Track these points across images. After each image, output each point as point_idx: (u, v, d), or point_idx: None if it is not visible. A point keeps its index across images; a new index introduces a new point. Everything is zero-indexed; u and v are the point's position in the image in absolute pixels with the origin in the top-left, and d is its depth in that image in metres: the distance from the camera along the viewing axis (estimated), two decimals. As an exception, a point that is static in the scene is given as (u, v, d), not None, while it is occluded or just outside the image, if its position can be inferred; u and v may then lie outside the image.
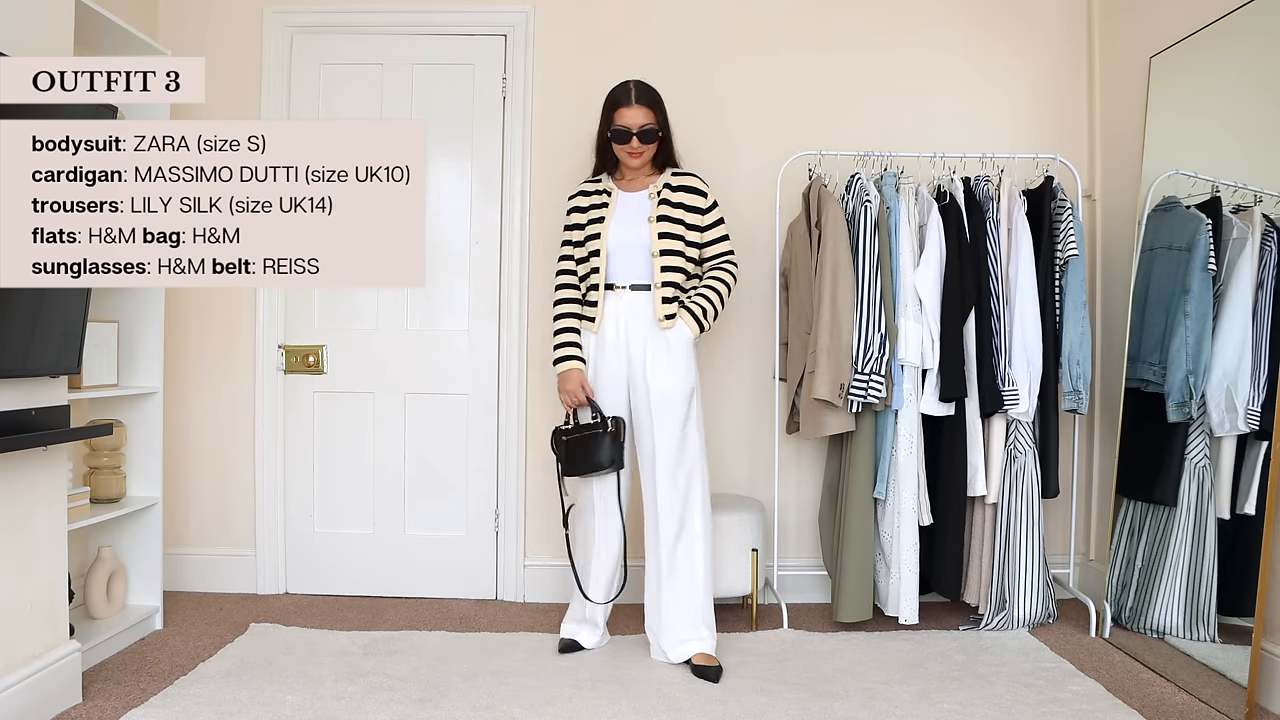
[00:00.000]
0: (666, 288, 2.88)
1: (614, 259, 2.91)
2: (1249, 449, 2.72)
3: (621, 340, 2.90)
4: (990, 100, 3.68)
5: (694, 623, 2.87)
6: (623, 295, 2.91)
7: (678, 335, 2.87)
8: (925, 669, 2.85)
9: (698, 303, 2.90)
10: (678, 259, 2.90)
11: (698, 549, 2.88)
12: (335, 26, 3.67)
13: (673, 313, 2.88)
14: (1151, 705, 2.58)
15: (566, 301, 3.00)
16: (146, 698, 2.58)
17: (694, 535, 2.88)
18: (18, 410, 2.33)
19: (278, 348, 3.65)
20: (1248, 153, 2.84)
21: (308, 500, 3.69)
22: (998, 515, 3.22)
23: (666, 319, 2.87)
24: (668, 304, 2.88)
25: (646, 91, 2.88)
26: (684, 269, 2.93)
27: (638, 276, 2.90)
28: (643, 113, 2.85)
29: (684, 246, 2.91)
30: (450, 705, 2.55)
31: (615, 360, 2.91)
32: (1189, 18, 3.04)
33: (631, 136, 2.86)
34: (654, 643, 2.93)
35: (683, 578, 2.87)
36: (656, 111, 2.89)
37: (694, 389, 2.91)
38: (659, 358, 2.86)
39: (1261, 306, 2.68)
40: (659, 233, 2.88)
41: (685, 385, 2.88)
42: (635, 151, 2.88)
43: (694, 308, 2.89)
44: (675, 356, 2.87)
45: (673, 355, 2.87)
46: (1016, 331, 3.16)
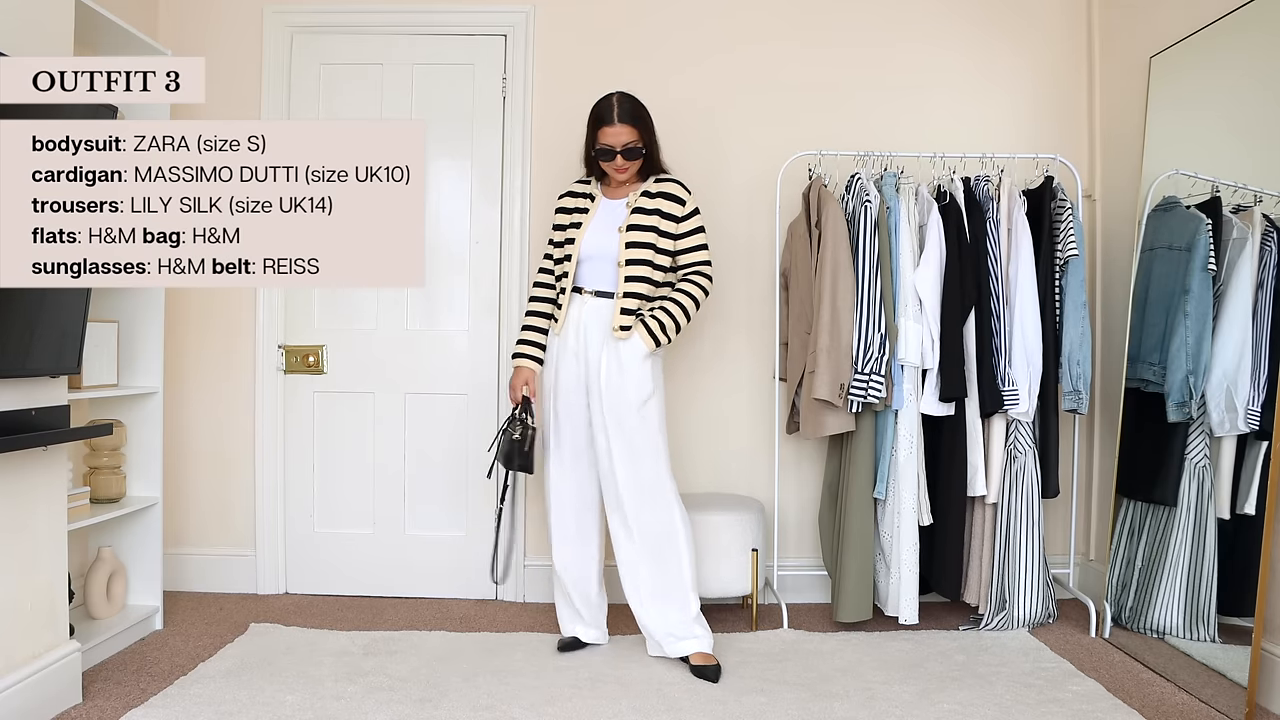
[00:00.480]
0: (628, 299, 2.88)
1: (585, 264, 2.94)
2: (1249, 449, 2.72)
3: (581, 345, 2.92)
4: (990, 100, 3.68)
5: (687, 621, 2.88)
6: (587, 300, 2.92)
7: (630, 348, 2.86)
8: (925, 669, 2.85)
9: (657, 316, 2.88)
10: (644, 268, 2.89)
11: (678, 543, 2.90)
12: (335, 26, 3.67)
13: (628, 324, 2.87)
14: (1151, 705, 2.58)
15: (537, 300, 3.06)
16: (146, 698, 2.58)
17: (671, 528, 2.89)
18: (18, 410, 2.33)
19: (278, 348, 3.65)
20: (1248, 153, 2.84)
21: (308, 500, 3.69)
22: (998, 515, 3.22)
23: (621, 329, 2.86)
24: (625, 315, 2.87)
25: (631, 109, 2.89)
26: (650, 278, 2.92)
27: (603, 283, 2.92)
28: (626, 131, 2.87)
29: (654, 255, 2.91)
30: (450, 705, 2.55)
31: (574, 364, 2.94)
32: (1189, 17, 3.04)
33: (616, 155, 2.89)
34: (649, 638, 2.94)
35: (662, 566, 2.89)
36: (640, 128, 2.90)
37: (648, 398, 2.88)
38: (611, 368, 2.87)
39: (1261, 306, 2.68)
40: (626, 242, 2.89)
41: (638, 395, 2.86)
42: (620, 169, 2.92)
43: (652, 322, 2.87)
44: (627, 368, 2.86)
45: (624, 367, 2.86)
46: (1016, 331, 3.16)
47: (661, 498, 2.89)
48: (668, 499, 2.90)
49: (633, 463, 2.87)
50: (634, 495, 2.88)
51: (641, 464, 2.88)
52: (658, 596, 2.90)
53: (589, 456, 2.97)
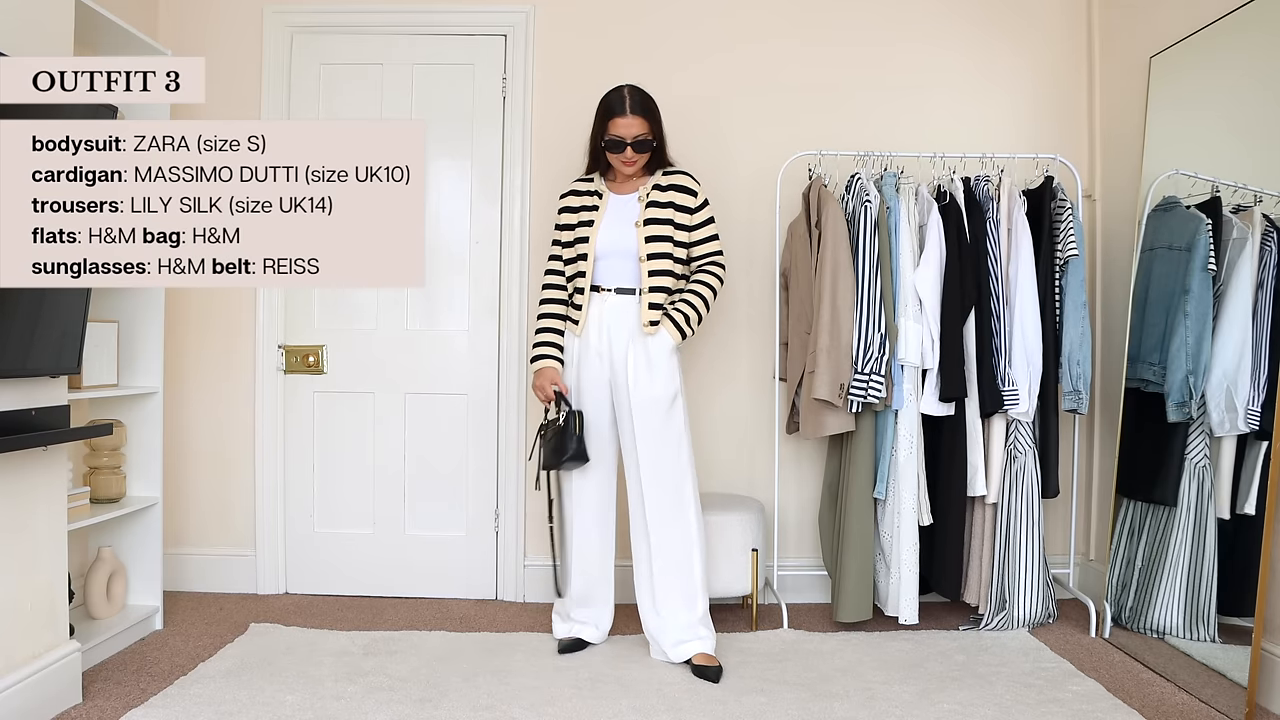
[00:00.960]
0: (654, 293, 2.89)
1: (601, 262, 2.92)
2: (1249, 449, 2.72)
3: (604, 344, 2.91)
4: (990, 100, 3.68)
5: (693, 622, 2.87)
6: (607, 298, 2.91)
7: (658, 343, 2.87)
8: (925, 669, 2.85)
9: (681, 310, 2.89)
10: (666, 262, 2.90)
11: (693, 548, 2.89)
12: (335, 26, 3.67)
13: (657, 319, 2.88)
14: (1151, 705, 2.58)
15: (550, 302, 3.02)
16: (146, 698, 2.58)
17: (688, 534, 2.89)
18: (18, 410, 2.33)
19: (278, 348, 3.65)
20: (1248, 153, 2.84)
21: (308, 500, 3.69)
22: (998, 515, 3.22)
23: (650, 325, 2.87)
24: (654, 310, 2.89)
25: (641, 101, 2.88)
26: (672, 271, 2.93)
27: (624, 280, 2.91)
28: (637, 123, 2.85)
29: (672, 248, 2.91)
30: (450, 705, 2.55)
31: (597, 364, 2.92)
32: (1189, 18, 3.04)
33: (626, 146, 2.87)
34: (653, 643, 2.93)
35: (678, 576, 2.88)
36: (651, 120, 2.89)
37: (676, 394, 2.90)
38: (639, 364, 2.87)
39: (1261, 306, 2.68)
40: (646, 236, 2.88)
41: (667, 392, 2.87)
42: (629, 161, 2.90)
43: (677, 315, 2.88)
44: (656, 364, 2.87)
45: (653, 363, 2.86)
46: (1016, 331, 3.16)
47: (682, 500, 2.88)
48: (688, 500, 2.89)
49: (658, 463, 2.87)
50: (656, 498, 2.87)
51: (665, 465, 2.87)
52: (669, 600, 2.89)
53: (610, 458, 2.96)
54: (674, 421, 2.88)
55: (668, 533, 2.88)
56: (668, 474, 2.87)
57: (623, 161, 2.90)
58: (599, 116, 2.92)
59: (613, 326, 2.90)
